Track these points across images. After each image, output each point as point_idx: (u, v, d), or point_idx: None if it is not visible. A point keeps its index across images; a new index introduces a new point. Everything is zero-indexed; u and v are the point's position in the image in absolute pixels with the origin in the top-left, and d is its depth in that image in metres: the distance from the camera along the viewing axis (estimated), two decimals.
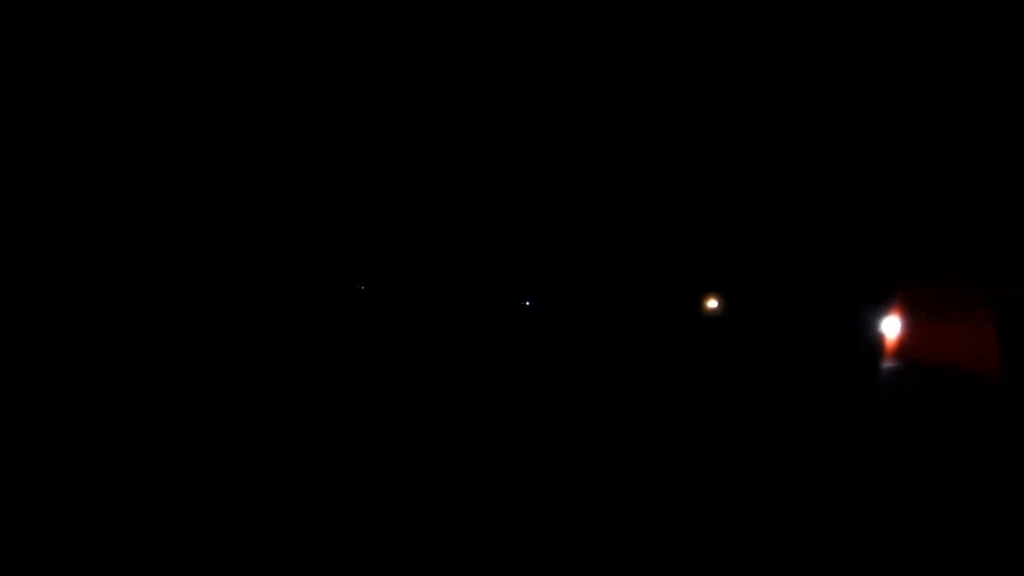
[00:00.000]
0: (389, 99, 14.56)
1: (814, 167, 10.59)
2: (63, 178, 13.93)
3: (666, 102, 12.27)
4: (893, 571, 3.59)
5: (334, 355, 10.19)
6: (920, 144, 8.75)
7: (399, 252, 16.46)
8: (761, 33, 10.89)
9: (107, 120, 13.99)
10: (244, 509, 3.95)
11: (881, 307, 6.30)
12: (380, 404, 6.98)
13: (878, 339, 6.05)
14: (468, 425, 6.27)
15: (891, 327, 5.94)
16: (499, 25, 12.77)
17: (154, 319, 12.32)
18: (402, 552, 3.53)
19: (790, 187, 10.96)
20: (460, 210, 15.77)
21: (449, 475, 4.79)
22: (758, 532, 3.99)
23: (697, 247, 12.32)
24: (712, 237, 12.09)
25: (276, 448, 5.20)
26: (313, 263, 16.36)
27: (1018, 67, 8.39)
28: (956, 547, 3.82)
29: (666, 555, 3.66)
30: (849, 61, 9.99)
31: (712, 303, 12.02)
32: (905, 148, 8.97)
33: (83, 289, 13.17)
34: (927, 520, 4.18)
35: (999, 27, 8.54)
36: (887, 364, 5.92)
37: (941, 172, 8.12)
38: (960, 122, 8.58)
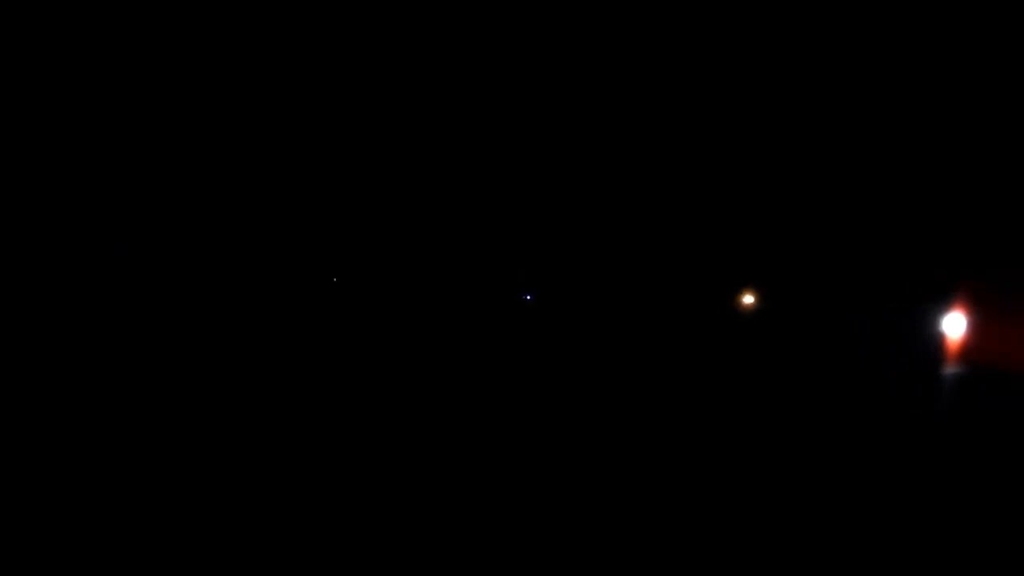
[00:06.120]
0: (402, 109, 14.30)
1: (863, 153, 9.83)
2: (63, 178, 13.94)
3: (705, 102, 11.66)
4: None
5: (335, 354, 9.99)
6: (987, 133, 8.04)
7: (403, 253, 16.35)
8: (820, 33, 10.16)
9: (107, 120, 13.94)
10: (243, 506, 3.93)
11: (940, 304, 5.64)
12: (383, 400, 6.85)
13: (938, 341, 5.39)
14: (481, 419, 6.11)
15: (954, 327, 5.27)
16: (516, 39, 12.36)
17: (154, 319, 12.13)
18: (401, 550, 3.43)
19: (837, 175, 10.23)
20: (465, 212, 15.61)
21: (451, 470, 4.67)
22: (799, 549, 3.57)
23: (735, 241, 11.71)
24: (752, 230, 11.44)
25: (278, 445, 5.18)
26: (315, 264, 16.23)
27: None
28: None
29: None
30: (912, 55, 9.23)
31: (748, 299, 11.35)
32: (970, 136, 8.25)
33: (83, 289, 13.20)
34: (1000, 544, 3.67)
35: None
36: (950, 369, 5.27)
37: (1009, 164, 7.41)
38: None
